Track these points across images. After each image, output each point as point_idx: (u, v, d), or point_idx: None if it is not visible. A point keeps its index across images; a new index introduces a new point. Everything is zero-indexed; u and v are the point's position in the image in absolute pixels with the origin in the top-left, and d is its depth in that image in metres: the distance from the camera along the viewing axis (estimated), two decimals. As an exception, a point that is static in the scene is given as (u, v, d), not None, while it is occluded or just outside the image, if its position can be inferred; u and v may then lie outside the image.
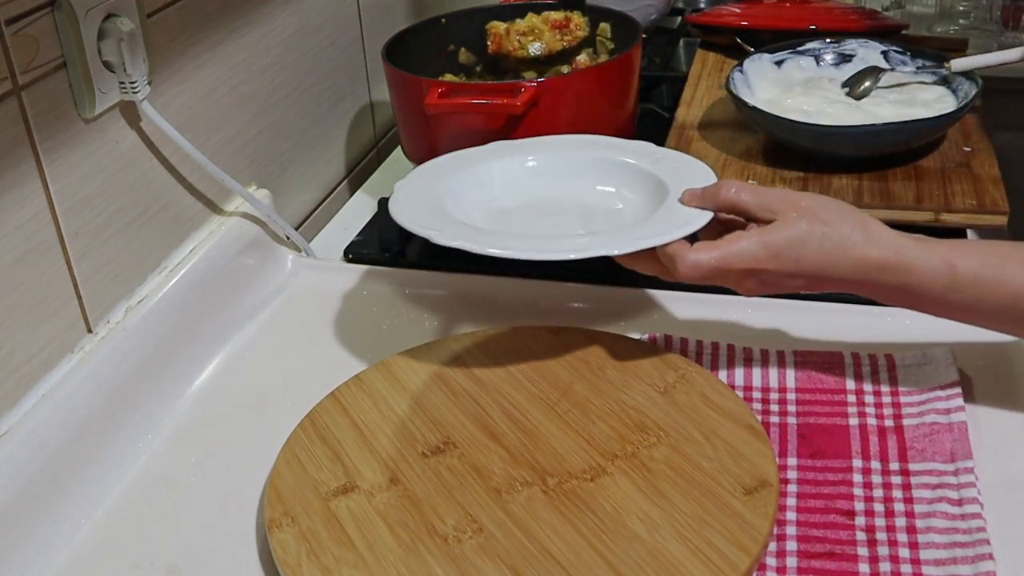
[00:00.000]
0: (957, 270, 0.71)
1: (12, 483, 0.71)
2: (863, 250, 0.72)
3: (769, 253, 0.72)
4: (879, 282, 0.73)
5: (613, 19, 1.17)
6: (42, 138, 0.76)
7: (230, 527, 0.74)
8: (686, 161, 0.89)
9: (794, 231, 0.72)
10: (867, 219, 0.74)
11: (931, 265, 0.72)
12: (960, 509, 0.69)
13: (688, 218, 0.77)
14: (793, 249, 0.72)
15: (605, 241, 0.77)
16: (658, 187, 0.85)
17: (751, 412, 0.77)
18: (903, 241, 0.73)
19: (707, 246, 0.73)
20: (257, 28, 1.03)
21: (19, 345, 0.76)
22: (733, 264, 0.73)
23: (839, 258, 0.72)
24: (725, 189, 0.77)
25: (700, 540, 0.66)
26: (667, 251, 0.75)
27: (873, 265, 0.72)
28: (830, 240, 0.72)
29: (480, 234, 0.80)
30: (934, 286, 0.72)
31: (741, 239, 0.73)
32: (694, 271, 0.73)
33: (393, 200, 0.85)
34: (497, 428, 0.78)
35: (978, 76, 1.07)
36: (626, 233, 0.78)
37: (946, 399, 0.78)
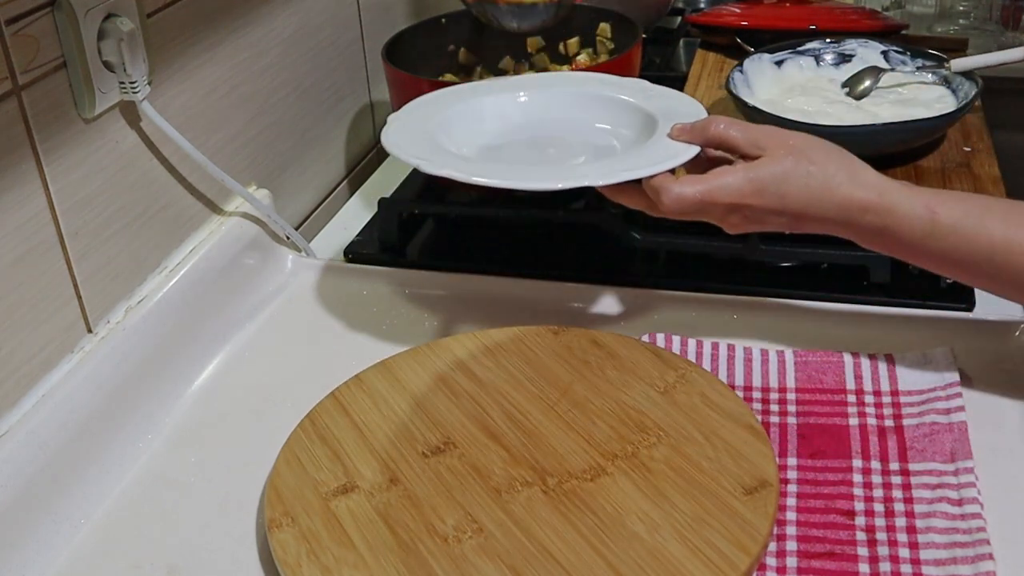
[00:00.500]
0: (938, 217, 0.72)
1: (12, 483, 0.71)
2: (847, 190, 0.73)
3: (753, 188, 0.73)
4: (861, 223, 0.73)
5: (613, 19, 1.17)
6: (42, 138, 0.76)
7: (230, 527, 0.74)
8: (679, 97, 0.90)
9: (780, 167, 0.73)
10: (854, 160, 0.74)
11: (913, 210, 0.72)
12: (960, 509, 0.69)
13: (675, 151, 0.78)
14: (777, 185, 0.73)
15: (589, 172, 0.78)
16: (649, 122, 0.85)
17: (751, 412, 0.77)
18: (888, 184, 0.73)
19: (692, 179, 0.74)
20: (257, 28, 1.03)
21: (19, 345, 0.76)
22: (717, 198, 0.73)
23: (823, 196, 0.73)
24: (714, 124, 0.77)
25: (700, 540, 0.66)
26: (652, 184, 0.75)
27: (856, 205, 0.73)
28: (815, 178, 0.73)
29: (467, 163, 0.82)
30: (914, 231, 0.72)
31: (726, 173, 0.74)
32: (678, 204, 0.74)
33: (385, 131, 0.86)
34: (497, 428, 0.78)
35: (978, 76, 1.07)
36: (611, 164, 0.79)
37: (946, 399, 0.78)
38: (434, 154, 0.82)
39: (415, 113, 0.91)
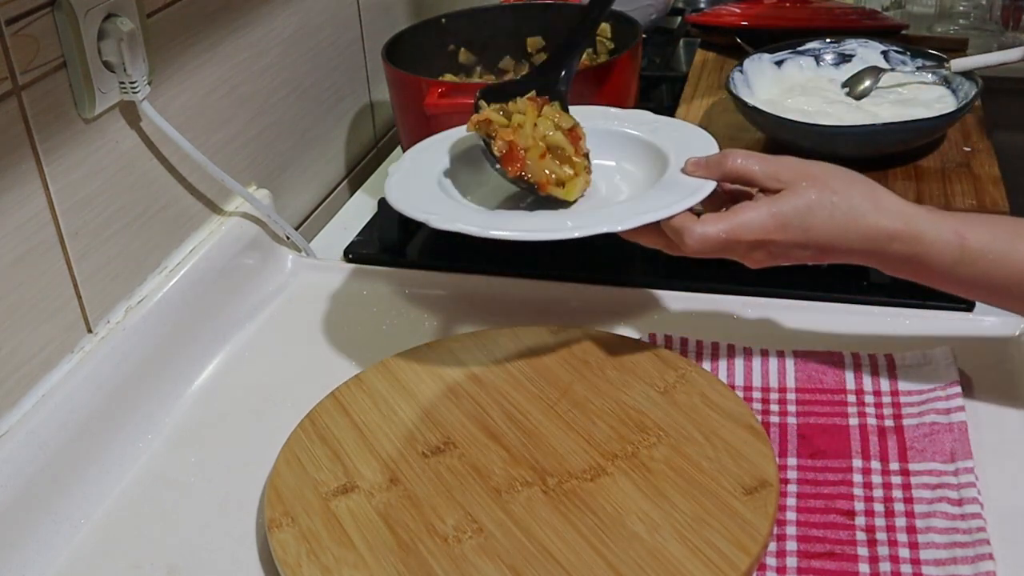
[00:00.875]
0: (968, 243, 0.70)
1: (12, 483, 0.71)
2: (873, 219, 0.71)
3: (777, 223, 0.71)
4: (888, 252, 0.72)
5: (613, 19, 1.17)
6: (42, 138, 0.76)
7: (230, 527, 0.74)
8: (685, 128, 0.87)
9: (803, 200, 0.71)
10: (877, 188, 0.73)
11: (941, 236, 0.70)
12: (960, 509, 0.69)
13: (692, 189, 0.76)
14: (802, 219, 0.71)
15: (607, 217, 0.75)
16: (658, 157, 0.83)
17: (751, 412, 0.77)
18: (914, 211, 0.71)
19: (714, 218, 0.72)
20: (257, 28, 1.03)
21: (19, 345, 0.76)
22: (741, 236, 0.71)
23: (848, 227, 0.71)
24: (731, 158, 0.75)
25: (700, 540, 0.66)
26: (672, 225, 0.73)
27: (883, 234, 0.71)
28: (839, 209, 0.71)
29: (479, 215, 0.79)
30: (943, 258, 0.71)
31: (749, 209, 0.72)
32: (702, 244, 0.72)
33: (388, 184, 0.84)
34: (497, 428, 0.78)
35: (978, 76, 1.07)
36: (629, 207, 0.76)
37: (946, 399, 0.78)
38: (441, 205, 0.79)
39: (416, 160, 0.88)
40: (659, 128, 0.87)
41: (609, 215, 0.75)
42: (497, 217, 0.79)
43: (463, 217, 0.76)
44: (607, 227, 0.74)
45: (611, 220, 0.74)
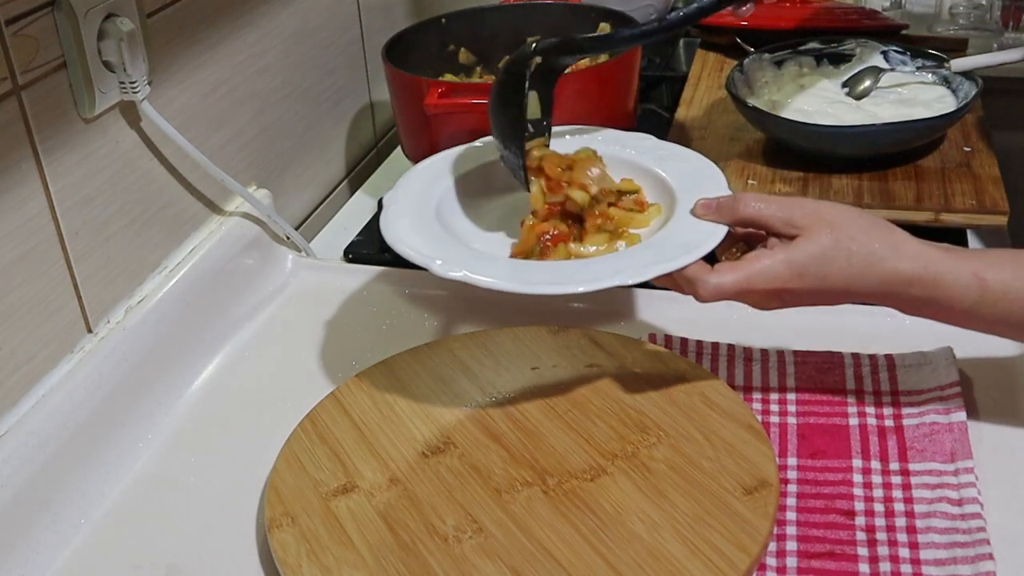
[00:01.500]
0: (987, 284, 0.69)
1: (12, 483, 0.71)
2: (891, 264, 0.69)
3: (794, 272, 0.69)
4: (906, 296, 0.70)
5: (613, 19, 1.17)
6: (42, 138, 0.76)
7: (230, 527, 0.74)
8: (691, 159, 0.85)
9: (819, 247, 0.69)
10: (893, 229, 0.71)
11: (961, 279, 0.69)
12: (960, 509, 0.69)
13: (703, 235, 0.73)
14: (819, 266, 0.69)
15: (618, 269, 0.72)
16: (664, 190, 0.81)
17: (751, 412, 0.77)
18: (931, 253, 0.70)
19: (729, 267, 0.70)
20: (257, 28, 1.03)
21: (19, 345, 0.76)
22: (757, 285, 0.70)
23: (865, 273, 0.69)
24: (743, 204, 0.73)
25: (700, 540, 0.66)
26: (685, 275, 0.71)
27: (901, 279, 0.69)
28: (857, 255, 0.69)
29: (482, 262, 0.75)
30: (964, 300, 0.69)
31: (763, 257, 0.70)
32: (716, 295, 0.70)
33: (384, 219, 0.79)
34: (497, 428, 0.78)
35: (978, 76, 1.07)
36: (639, 256, 0.74)
37: (946, 399, 0.78)
38: (442, 245, 0.75)
39: (412, 188, 0.84)
40: (665, 157, 0.84)
41: (619, 267, 0.72)
42: (504, 266, 0.76)
43: (467, 263, 0.73)
44: (619, 280, 0.71)
45: (622, 273, 0.71)
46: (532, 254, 0.77)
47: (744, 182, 1.02)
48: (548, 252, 0.76)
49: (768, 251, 0.70)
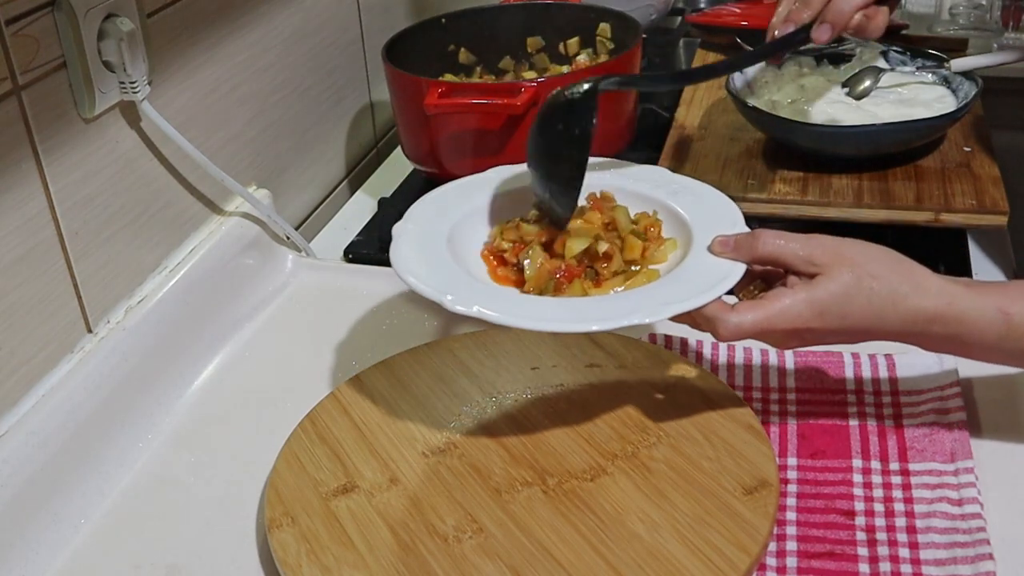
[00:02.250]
0: (1012, 318, 0.67)
1: (12, 483, 0.71)
2: (913, 302, 0.68)
3: (814, 312, 0.68)
4: (929, 333, 0.69)
5: (613, 19, 1.17)
6: (42, 138, 0.76)
7: (230, 527, 0.74)
8: (705, 193, 0.82)
9: (840, 286, 0.68)
10: (913, 266, 0.70)
11: (985, 315, 0.68)
12: (960, 509, 0.69)
13: (722, 272, 0.71)
14: (840, 306, 0.68)
15: (636, 307, 0.69)
16: (678, 224, 0.79)
17: (751, 412, 0.77)
18: (954, 289, 0.68)
19: (748, 307, 0.69)
20: (257, 28, 1.03)
21: (19, 345, 0.76)
22: (777, 325, 0.68)
23: (887, 312, 0.68)
24: (761, 241, 0.71)
25: (700, 540, 0.66)
26: (705, 314, 0.69)
27: (923, 317, 0.68)
28: (878, 295, 0.68)
29: (495, 297, 0.73)
30: (987, 336, 0.68)
31: (784, 296, 0.69)
32: (736, 335, 0.69)
33: (395, 250, 0.77)
34: (497, 428, 0.78)
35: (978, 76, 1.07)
36: (657, 294, 0.72)
37: (946, 399, 0.78)
38: (455, 279, 0.73)
39: (422, 219, 0.81)
40: (678, 192, 0.82)
41: (637, 305, 0.70)
42: (517, 301, 0.73)
43: (480, 299, 0.71)
44: (636, 319, 0.68)
45: (639, 312, 0.68)
46: (546, 290, 0.74)
47: (744, 182, 1.02)
48: (563, 288, 0.75)
49: (788, 290, 0.69)
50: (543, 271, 0.75)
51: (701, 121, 1.15)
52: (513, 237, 0.78)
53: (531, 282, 0.75)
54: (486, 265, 0.78)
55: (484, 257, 0.79)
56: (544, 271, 0.75)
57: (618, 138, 1.10)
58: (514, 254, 0.77)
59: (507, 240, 0.78)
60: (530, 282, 0.75)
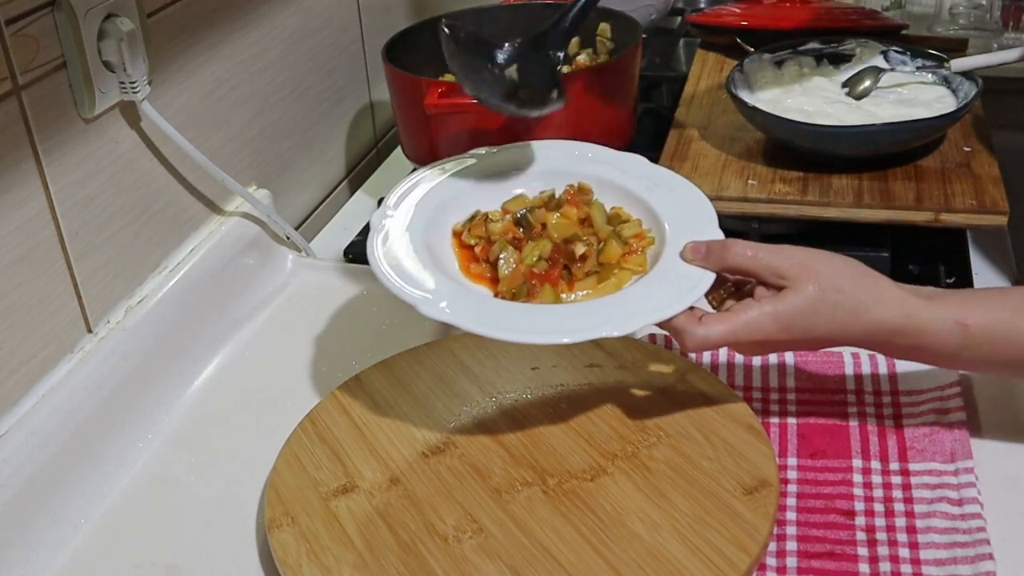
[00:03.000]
0: (970, 329, 0.69)
1: (12, 483, 0.71)
2: (875, 314, 0.69)
3: (780, 325, 0.70)
4: (891, 344, 0.71)
5: (613, 19, 1.17)
6: (42, 138, 0.76)
7: (230, 527, 0.74)
8: (683, 190, 0.82)
9: (806, 300, 0.69)
10: (878, 279, 0.71)
11: (944, 327, 0.69)
12: (960, 509, 0.69)
13: (691, 283, 0.73)
14: (804, 320, 0.70)
15: (606, 319, 0.70)
16: (654, 222, 0.80)
17: (751, 412, 0.77)
18: (914, 302, 0.70)
19: (716, 319, 0.70)
20: (257, 28, 1.03)
21: (19, 345, 0.76)
22: (743, 338, 0.70)
23: (850, 325, 0.70)
24: (732, 252, 0.73)
25: (700, 540, 0.66)
26: (673, 325, 0.71)
27: (885, 328, 0.70)
28: (842, 308, 0.69)
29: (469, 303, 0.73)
30: (947, 347, 0.70)
31: (750, 309, 0.70)
32: (703, 347, 0.71)
33: (371, 248, 0.78)
34: (497, 428, 0.78)
35: (978, 76, 1.07)
36: (626, 305, 0.72)
37: (946, 399, 0.78)
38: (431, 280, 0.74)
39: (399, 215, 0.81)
40: (657, 185, 0.83)
41: (607, 317, 0.71)
42: (490, 308, 0.74)
43: (454, 303, 0.72)
44: (604, 332, 0.70)
45: (609, 324, 0.70)
46: (520, 294, 0.75)
47: (744, 182, 1.02)
48: (535, 292, 0.75)
49: (755, 303, 0.70)
50: (517, 274, 0.76)
51: (701, 121, 1.15)
52: (480, 234, 0.79)
53: (505, 283, 0.76)
54: (458, 259, 0.80)
55: (455, 249, 0.80)
56: (518, 274, 0.76)
57: (618, 138, 1.10)
58: (484, 252, 0.78)
59: (474, 237, 0.79)
60: (504, 283, 0.76)
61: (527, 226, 0.79)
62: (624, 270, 0.77)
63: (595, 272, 0.77)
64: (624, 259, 0.77)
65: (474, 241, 0.79)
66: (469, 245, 0.80)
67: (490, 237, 0.79)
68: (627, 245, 0.78)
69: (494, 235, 0.79)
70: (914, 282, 0.91)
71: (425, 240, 0.79)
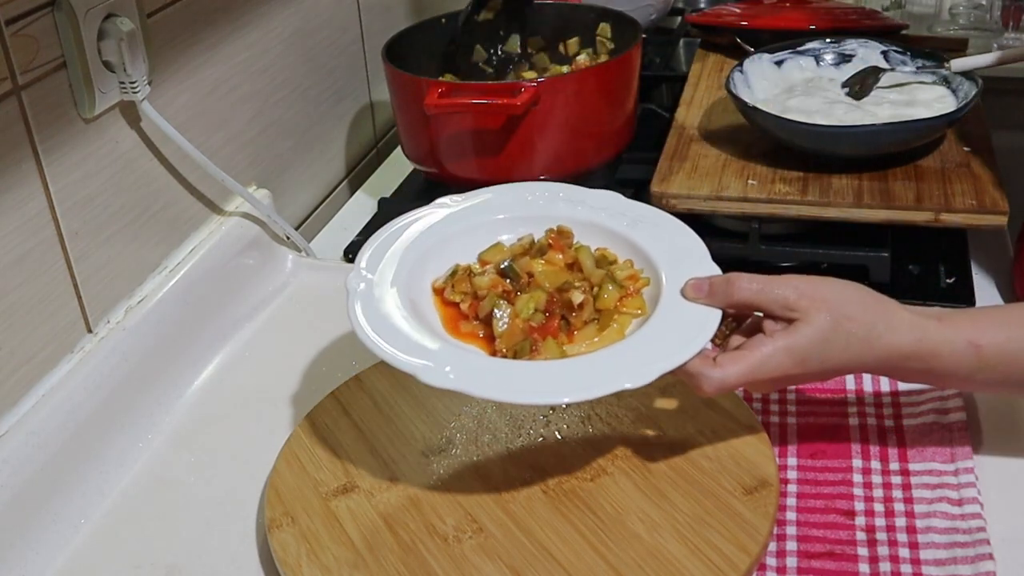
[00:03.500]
0: (983, 350, 0.68)
1: (12, 483, 0.71)
2: (887, 340, 0.68)
3: (795, 360, 0.68)
4: (904, 368, 0.70)
5: (613, 19, 1.17)
6: (42, 138, 0.76)
7: (230, 527, 0.74)
8: (666, 224, 0.80)
9: (819, 332, 0.68)
10: (887, 303, 0.70)
11: (956, 350, 0.68)
12: (960, 509, 0.69)
13: (698, 323, 0.70)
14: (819, 352, 0.68)
15: (618, 370, 0.67)
16: (646, 262, 0.77)
17: (751, 412, 0.77)
18: (925, 324, 0.69)
19: (730, 360, 0.68)
20: (257, 28, 1.03)
21: (19, 345, 0.76)
22: (760, 376, 0.68)
23: (865, 353, 0.69)
24: (736, 287, 0.70)
25: (700, 540, 0.66)
26: (687, 371, 0.68)
27: (898, 354, 0.69)
28: (856, 337, 0.68)
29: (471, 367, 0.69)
30: (960, 369, 0.69)
31: (764, 345, 0.68)
32: (720, 389, 0.68)
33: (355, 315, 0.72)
34: (497, 428, 0.78)
35: (978, 76, 1.07)
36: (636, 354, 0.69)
37: (946, 399, 0.78)
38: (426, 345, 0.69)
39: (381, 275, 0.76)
40: (637, 222, 0.80)
41: (618, 368, 0.67)
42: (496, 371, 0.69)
43: (457, 369, 0.67)
44: (616, 387, 0.66)
45: (623, 375, 0.66)
46: (523, 352, 0.71)
47: (744, 182, 1.02)
48: (538, 348, 0.72)
49: (768, 339, 0.69)
50: (516, 330, 0.72)
51: (701, 121, 1.15)
52: (465, 290, 0.75)
53: (503, 341, 0.72)
54: (443, 318, 0.75)
55: (439, 308, 0.76)
56: (517, 330, 0.72)
57: (618, 138, 1.10)
58: (472, 309, 0.74)
59: (459, 293, 0.75)
60: (502, 340, 0.72)
61: (514, 277, 0.75)
62: (624, 314, 0.74)
63: (594, 319, 0.74)
64: (622, 303, 0.74)
65: (459, 298, 0.75)
66: (454, 303, 0.75)
67: (476, 292, 0.74)
68: (623, 288, 0.75)
69: (481, 290, 0.74)
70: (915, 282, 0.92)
71: (409, 300, 0.74)
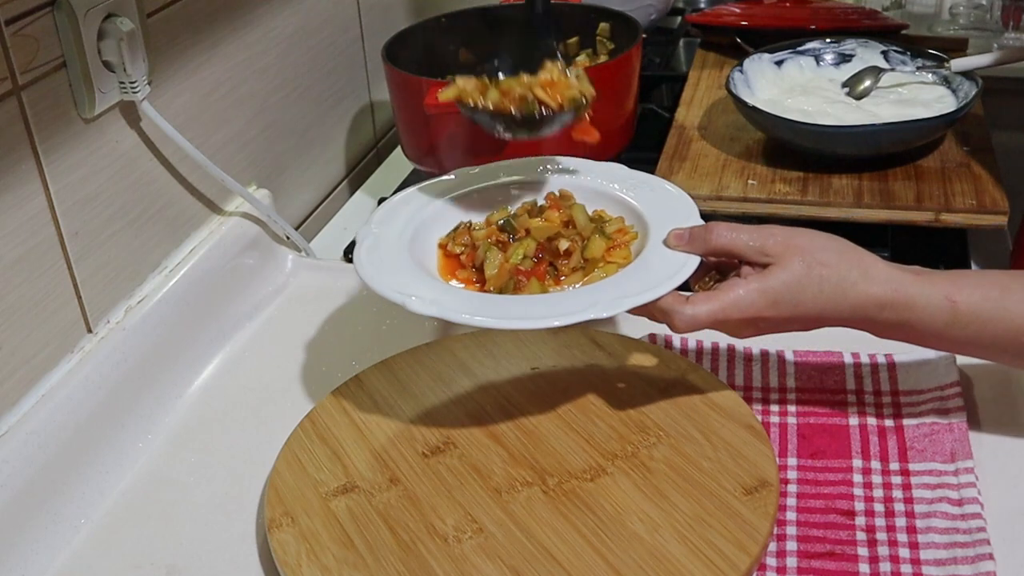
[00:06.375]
0: (958, 306, 0.69)
1: (12, 483, 0.71)
2: (862, 288, 0.70)
3: (768, 301, 0.70)
4: (878, 319, 0.71)
5: (613, 19, 1.17)
6: (42, 138, 0.76)
7: (230, 527, 0.74)
8: (662, 188, 0.84)
9: (792, 275, 0.70)
10: (863, 254, 0.72)
11: (932, 301, 0.69)
12: (960, 509, 0.69)
13: (676, 265, 0.73)
14: (792, 295, 0.70)
15: (593, 302, 0.71)
16: (636, 219, 0.81)
17: (751, 412, 0.77)
18: (901, 276, 0.70)
19: (703, 298, 0.71)
20: (257, 28, 1.03)
21: (19, 345, 0.76)
22: (731, 315, 0.70)
23: (838, 299, 0.70)
24: (715, 234, 0.73)
25: (700, 540, 0.66)
26: (660, 306, 0.71)
27: (872, 303, 0.70)
28: (829, 282, 0.70)
29: (456, 298, 0.74)
30: (934, 322, 0.70)
31: (737, 286, 0.70)
32: (691, 326, 0.71)
33: (358, 256, 0.78)
34: (497, 428, 0.78)
35: (978, 76, 1.07)
36: (613, 289, 0.73)
37: (946, 399, 0.78)
38: (417, 282, 0.75)
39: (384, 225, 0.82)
40: (636, 186, 0.84)
41: (594, 300, 0.71)
42: (478, 301, 0.74)
43: (442, 300, 0.72)
44: (592, 314, 0.70)
45: (596, 306, 0.70)
46: (507, 289, 0.76)
47: (744, 182, 1.02)
48: (522, 286, 0.76)
49: (742, 280, 0.71)
50: (503, 271, 0.77)
51: (701, 121, 1.16)
52: (464, 242, 0.80)
53: (491, 281, 0.77)
54: (441, 267, 0.80)
55: (441, 260, 0.81)
56: (504, 271, 0.77)
57: (618, 138, 1.10)
58: (469, 258, 0.79)
59: (459, 245, 0.80)
60: (490, 281, 0.77)
61: (511, 231, 0.80)
62: (610, 263, 0.77)
63: (580, 268, 0.77)
64: (609, 253, 0.78)
65: (459, 249, 0.80)
66: (455, 254, 0.81)
67: (474, 243, 0.80)
68: (610, 240, 0.79)
69: (478, 241, 0.79)
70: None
71: (411, 252, 0.79)
